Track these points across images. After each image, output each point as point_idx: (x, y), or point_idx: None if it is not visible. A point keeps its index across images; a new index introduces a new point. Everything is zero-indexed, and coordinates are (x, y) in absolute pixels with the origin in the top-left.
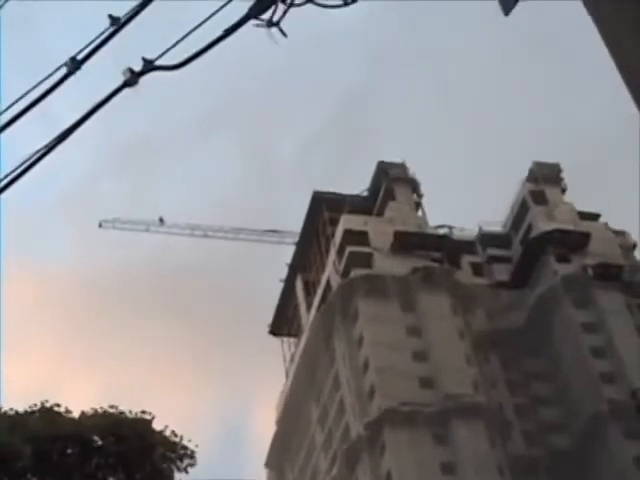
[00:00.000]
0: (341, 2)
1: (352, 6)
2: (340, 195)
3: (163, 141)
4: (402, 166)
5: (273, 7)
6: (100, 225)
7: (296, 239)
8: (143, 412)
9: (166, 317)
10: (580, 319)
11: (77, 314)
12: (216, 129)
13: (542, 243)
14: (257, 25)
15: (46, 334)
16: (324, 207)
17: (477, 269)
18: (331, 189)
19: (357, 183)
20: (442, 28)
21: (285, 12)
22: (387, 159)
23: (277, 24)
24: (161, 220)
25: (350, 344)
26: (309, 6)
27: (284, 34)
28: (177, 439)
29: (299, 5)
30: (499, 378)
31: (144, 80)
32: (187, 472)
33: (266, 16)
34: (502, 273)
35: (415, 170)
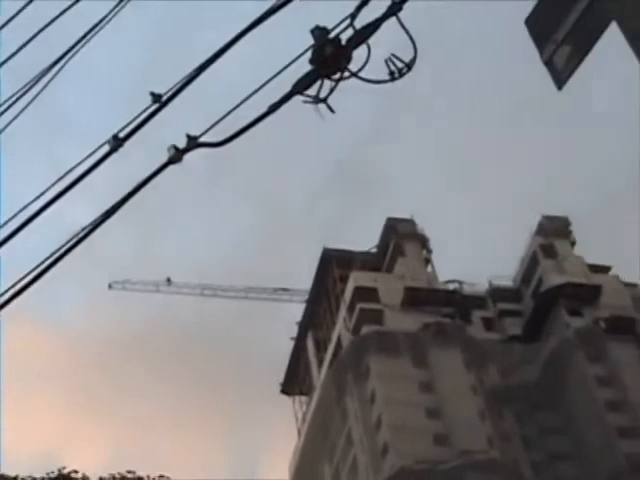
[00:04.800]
0: (387, 77)
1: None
2: (349, 252)
3: (169, 196)
4: (411, 222)
5: (319, 82)
6: (110, 286)
7: (306, 297)
8: (161, 476)
9: (174, 377)
10: (594, 372)
11: (83, 374)
12: (222, 182)
13: (553, 297)
14: (305, 101)
15: (51, 395)
16: (334, 264)
17: (488, 324)
18: (339, 243)
19: (365, 236)
20: (453, 74)
21: (333, 89)
22: (394, 209)
23: (325, 100)
24: (169, 280)
25: (362, 402)
26: None
27: (332, 110)
28: None
29: (345, 79)
30: (514, 433)
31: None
32: None
33: (312, 91)
34: (514, 327)
35: (424, 223)
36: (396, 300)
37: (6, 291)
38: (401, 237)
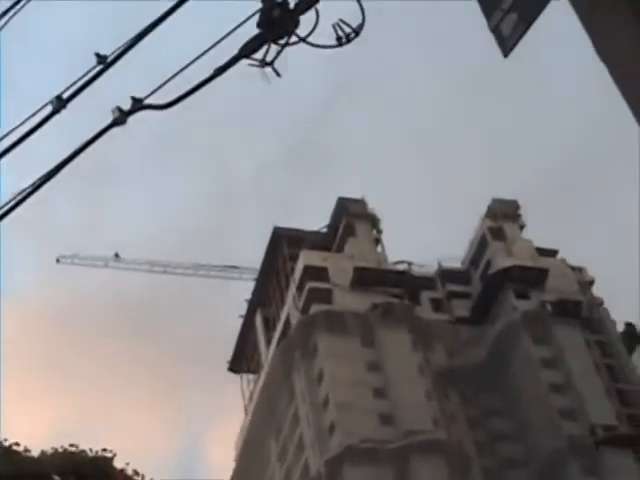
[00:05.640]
0: (335, 43)
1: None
2: (300, 231)
3: (118, 169)
4: (362, 202)
5: (266, 46)
6: (58, 260)
7: (256, 275)
8: (104, 450)
9: (121, 353)
10: (539, 355)
11: (27, 348)
12: (172, 157)
13: (501, 279)
14: (250, 65)
15: None
16: (284, 243)
17: (437, 305)
18: (290, 222)
19: (316, 215)
20: (403, 58)
21: (279, 52)
22: (345, 189)
23: (271, 64)
24: (117, 255)
25: (310, 380)
26: None
27: (278, 74)
28: (139, 478)
29: (292, 44)
30: (459, 414)
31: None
32: None
33: (259, 55)
34: (462, 309)
35: (374, 204)
36: (345, 280)
37: None
38: (352, 217)
